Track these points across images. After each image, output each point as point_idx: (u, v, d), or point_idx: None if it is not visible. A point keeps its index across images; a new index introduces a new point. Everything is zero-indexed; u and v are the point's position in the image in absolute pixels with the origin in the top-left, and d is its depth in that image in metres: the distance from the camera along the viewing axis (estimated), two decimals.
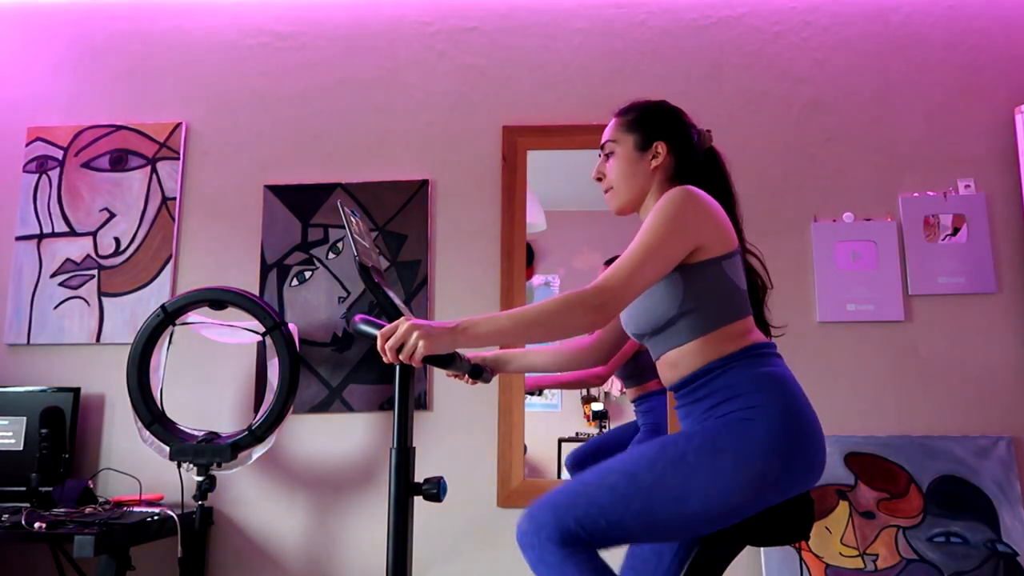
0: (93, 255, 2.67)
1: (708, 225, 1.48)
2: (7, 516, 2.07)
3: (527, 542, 1.38)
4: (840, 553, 2.30)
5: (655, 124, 1.64)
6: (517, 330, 1.38)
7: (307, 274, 2.61)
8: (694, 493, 1.34)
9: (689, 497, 1.34)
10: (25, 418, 2.44)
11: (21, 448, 2.41)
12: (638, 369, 2.63)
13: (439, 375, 2.53)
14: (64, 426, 2.32)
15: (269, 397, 2.32)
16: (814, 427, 1.41)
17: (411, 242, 2.59)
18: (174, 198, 2.68)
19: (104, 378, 2.58)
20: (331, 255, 2.62)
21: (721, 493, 1.34)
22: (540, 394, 2.80)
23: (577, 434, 2.78)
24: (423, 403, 2.51)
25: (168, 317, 2.32)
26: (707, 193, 1.56)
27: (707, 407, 1.45)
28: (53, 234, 2.69)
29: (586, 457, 2.65)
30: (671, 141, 1.62)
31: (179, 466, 2.28)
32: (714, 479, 1.34)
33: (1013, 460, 2.34)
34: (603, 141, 1.69)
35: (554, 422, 2.80)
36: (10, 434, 2.43)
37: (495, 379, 2.48)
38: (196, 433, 2.31)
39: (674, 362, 1.52)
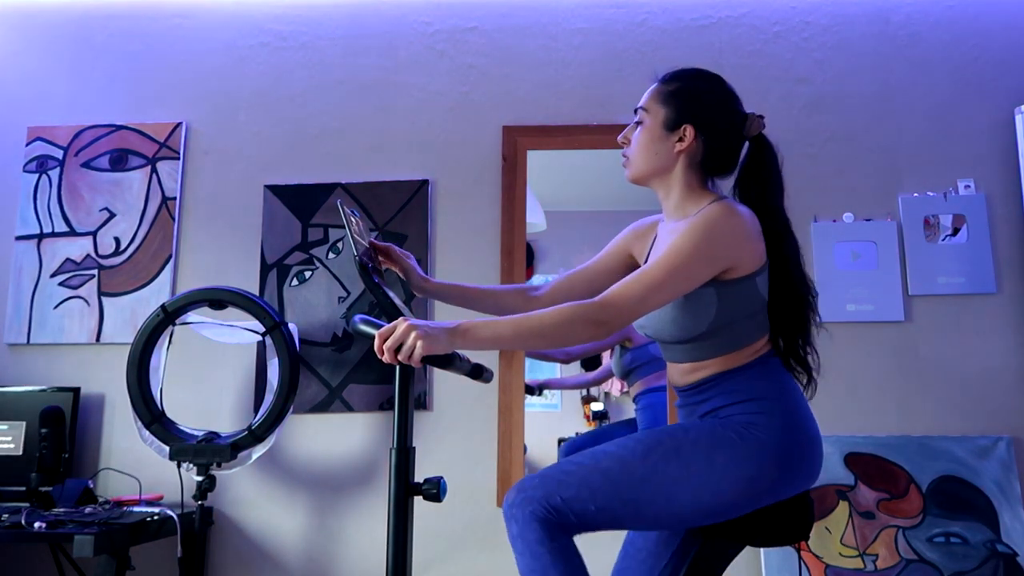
0: (93, 255, 2.67)
1: (744, 247, 1.41)
2: (7, 516, 2.07)
3: (511, 514, 1.36)
4: (840, 553, 2.30)
5: (691, 104, 1.50)
6: (517, 337, 1.36)
7: (307, 274, 2.61)
8: (685, 488, 1.34)
9: (680, 492, 1.34)
10: (24, 422, 2.43)
11: (20, 453, 2.41)
12: (639, 364, 2.64)
13: (439, 375, 2.53)
14: (64, 426, 2.32)
15: (269, 397, 2.32)
16: (813, 438, 1.41)
17: (411, 242, 2.59)
18: (174, 198, 2.68)
19: (104, 378, 2.58)
20: (331, 255, 2.62)
21: (713, 491, 1.34)
22: (540, 394, 2.80)
23: (577, 434, 2.79)
24: (423, 403, 2.51)
25: (168, 317, 2.32)
26: (744, 187, 1.51)
27: (709, 408, 1.45)
28: (53, 234, 2.69)
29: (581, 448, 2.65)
30: (702, 127, 1.49)
31: (179, 466, 2.28)
32: (707, 477, 1.34)
33: (1013, 460, 2.34)
34: (637, 106, 1.56)
35: (554, 422, 2.80)
36: (9, 439, 2.43)
37: (495, 379, 2.48)
38: (196, 433, 2.31)
39: (691, 371, 1.50)
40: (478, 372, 1.62)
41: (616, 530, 1.42)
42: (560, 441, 2.76)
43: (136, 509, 2.27)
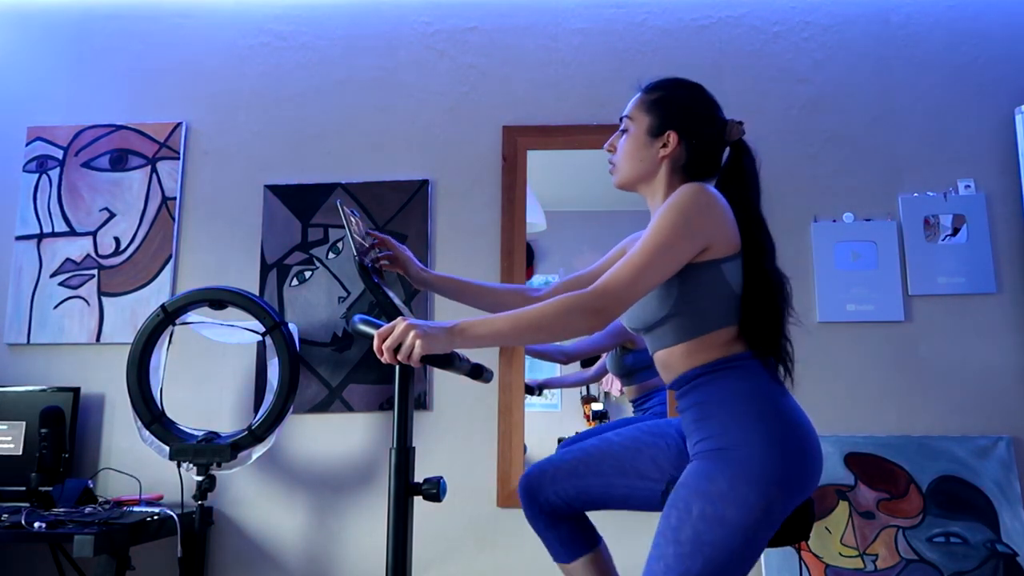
0: (93, 255, 2.67)
1: (718, 225, 1.43)
2: (7, 516, 2.07)
3: None
4: (840, 553, 2.30)
5: (673, 112, 1.56)
6: (516, 332, 1.37)
7: (307, 274, 2.61)
8: (722, 559, 1.32)
9: (722, 565, 1.33)
10: (24, 422, 2.43)
11: (20, 453, 2.41)
12: (642, 367, 2.64)
13: (439, 375, 2.53)
14: (64, 426, 2.32)
15: (269, 397, 2.32)
16: (806, 447, 1.39)
17: (411, 242, 2.59)
18: (174, 198, 2.68)
19: (104, 378, 2.58)
20: (331, 255, 2.62)
21: (741, 544, 1.33)
22: (540, 394, 2.80)
23: (577, 433, 2.78)
24: (423, 403, 2.51)
25: (168, 317, 2.32)
26: (724, 189, 1.52)
27: (694, 418, 1.45)
28: (53, 234, 2.69)
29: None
30: (685, 133, 1.55)
31: (179, 466, 2.28)
32: (732, 539, 1.32)
33: (1013, 460, 2.34)
34: (623, 114, 1.62)
35: (554, 422, 2.80)
36: (9, 439, 2.43)
37: (495, 379, 2.48)
38: (196, 433, 2.31)
39: (665, 363, 1.52)
40: (478, 372, 1.62)
41: None
42: (560, 441, 2.76)
43: (136, 509, 2.27)
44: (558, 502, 1.62)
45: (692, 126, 1.56)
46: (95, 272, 2.65)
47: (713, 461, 1.37)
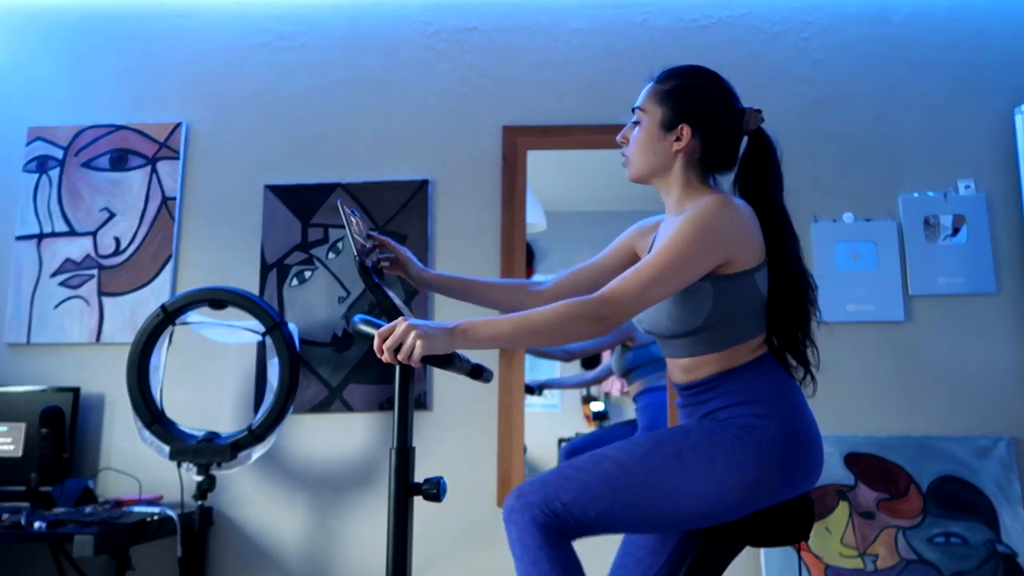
0: (93, 255, 2.67)
1: (741, 240, 1.40)
2: (7, 516, 2.07)
3: (511, 518, 1.36)
4: (840, 553, 2.30)
5: (687, 103, 1.49)
6: (517, 335, 1.36)
7: (307, 274, 2.61)
8: (685, 493, 1.33)
9: (680, 496, 1.33)
10: (24, 424, 2.43)
11: (20, 455, 2.41)
12: (640, 364, 2.64)
13: (439, 375, 2.53)
14: (64, 426, 2.32)
15: (269, 397, 2.32)
16: (813, 440, 1.40)
17: (411, 242, 2.59)
18: (174, 198, 2.68)
19: (104, 378, 2.58)
20: (331, 255, 2.62)
21: (712, 496, 1.33)
22: (540, 394, 2.80)
23: (577, 434, 2.79)
24: (423, 403, 2.51)
25: (168, 317, 2.32)
26: (743, 183, 1.50)
27: (710, 409, 1.44)
28: (53, 234, 2.69)
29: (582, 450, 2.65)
30: (699, 126, 1.48)
31: (179, 466, 2.28)
32: (707, 482, 1.33)
33: (1013, 460, 2.34)
34: (635, 105, 1.56)
35: (554, 422, 2.81)
36: (9, 440, 2.43)
37: (495, 379, 2.48)
38: (196, 433, 2.31)
39: (689, 368, 1.49)
40: (478, 372, 1.62)
41: (616, 534, 1.41)
42: (560, 441, 2.77)
43: (136, 509, 2.27)
44: None
45: (706, 118, 1.49)
46: (95, 272, 2.65)
47: (727, 428, 1.38)
